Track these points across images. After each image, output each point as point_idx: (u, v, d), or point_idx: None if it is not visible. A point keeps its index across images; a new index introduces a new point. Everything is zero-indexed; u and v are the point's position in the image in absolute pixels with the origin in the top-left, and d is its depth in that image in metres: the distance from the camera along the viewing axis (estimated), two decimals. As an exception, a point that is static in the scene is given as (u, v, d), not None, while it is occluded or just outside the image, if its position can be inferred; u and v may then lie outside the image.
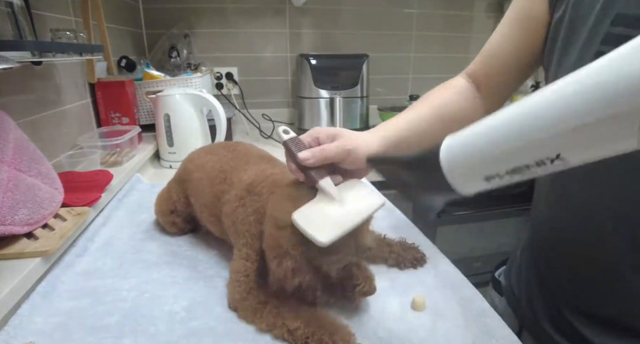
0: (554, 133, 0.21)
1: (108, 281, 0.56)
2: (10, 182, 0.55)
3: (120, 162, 0.94)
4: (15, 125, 0.63)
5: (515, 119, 0.24)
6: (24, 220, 0.56)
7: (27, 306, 0.49)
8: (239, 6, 1.60)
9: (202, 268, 0.60)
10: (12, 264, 0.52)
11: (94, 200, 0.71)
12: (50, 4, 0.84)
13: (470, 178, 0.27)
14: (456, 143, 0.28)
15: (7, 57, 0.56)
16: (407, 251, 0.60)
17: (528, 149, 0.23)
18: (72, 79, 0.95)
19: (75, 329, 0.46)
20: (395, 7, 1.73)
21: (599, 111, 0.19)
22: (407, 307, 0.50)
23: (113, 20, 1.21)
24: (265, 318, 0.46)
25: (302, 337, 0.43)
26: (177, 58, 1.48)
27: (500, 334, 0.46)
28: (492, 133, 0.25)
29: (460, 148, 0.27)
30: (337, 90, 1.53)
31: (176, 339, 0.45)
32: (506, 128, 0.24)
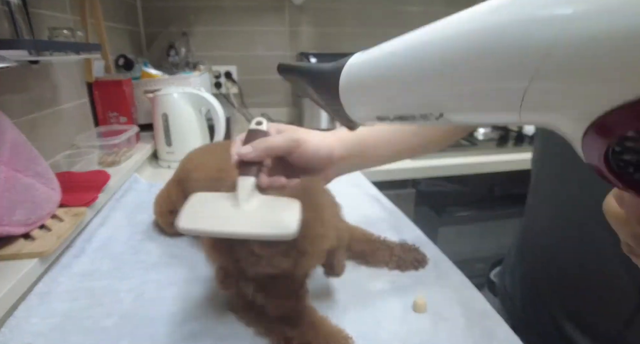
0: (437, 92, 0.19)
1: (106, 282, 0.55)
2: (7, 182, 0.55)
3: (118, 161, 0.93)
4: (12, 125, 0.62)
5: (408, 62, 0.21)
6: (21, 221, 0.56)
7: (24, 307, 0.49)
8: (238, 4, 1.59)
9: (201, 269, 0.59)
10: (8, 265, 0.52)
11: (91, 200, 0.71)
12: (47, 3, 0.83)
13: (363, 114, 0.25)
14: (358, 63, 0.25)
15: (4, 55, 0.56)
16: (408, 253, 0.59)
17: (413, 100, 0.21)
18: (69, 78, 0.95)
19: (73, 331, 0.46)
20: (396, 5, 1.72)
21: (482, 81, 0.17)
22: (408, 309, 0.50)
23: (111, 18, 1.20)
24: (263, 322, 0.46)
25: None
26: (175, 57, 1.48)
27: (502, 336, 0.45)
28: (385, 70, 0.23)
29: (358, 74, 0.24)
30: (337, 89, 1.52)
31: (175, 341, 0.45)
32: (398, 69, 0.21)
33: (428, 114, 0.20)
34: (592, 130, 0.14)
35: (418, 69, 0.20)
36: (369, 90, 0.24)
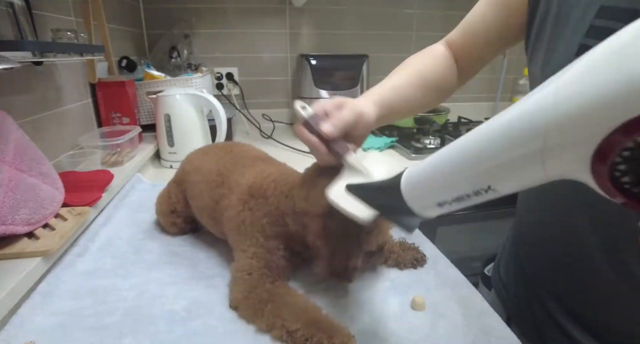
0: (480, 170, 0.25)
1: (108, 281, 0.56)
2: (11, 182, 0.55)
3: (120, 161, 0.94)
4: (16, 125, 0.63)
5: (453, 155, 0.28)
6: (25, 220, 0.56)
7: (27, 305, 0.50)
8: (240, 6, 1.60)
9: (203, 268, 0.60)
10: (12, 264, 0.52)
11: (94, 199, 0.71)
12: (51, 5, 0.84)
13: (425, 204, 0.31)
14: (413, 173, 0.32)
15: (8, 57, 0.56)
16: (406, 252, 0.60)
17: (464, 182, 0.27)
18: (73, 79, 0.96)
19: (76, 329, 0.46)
20: (395, 7, 1.73)
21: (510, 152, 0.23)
22: (407, 307, 0.50)
23: (114, 20, 1.21)
24: (265, 318, 0.46)
25: (301, 339, 0.43)
26: (177, 59, 1.48)
27: (500, 334, 0.46)
28: (438, 165, 0.29)
29: (416, 178, 0.31)
30: (337, 90, 1.53)
31: (176, 338, 0.45)
32: (447, 162, 0.28)
33: (479, 190, 0.26)
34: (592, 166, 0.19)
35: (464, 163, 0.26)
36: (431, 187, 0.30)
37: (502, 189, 0.25)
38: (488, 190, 0.25)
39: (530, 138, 0.21)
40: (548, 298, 0.53)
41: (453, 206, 0.29)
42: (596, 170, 0.19)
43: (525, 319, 0.56)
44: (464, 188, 0.27)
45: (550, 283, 0.53)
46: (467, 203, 0.28)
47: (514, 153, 0.22)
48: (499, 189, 0.25)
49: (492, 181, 0.25)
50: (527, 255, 0.58)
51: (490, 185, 0.25)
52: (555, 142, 0.20)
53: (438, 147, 1.34)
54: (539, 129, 0.20)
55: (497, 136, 0.23)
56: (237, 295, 0.50)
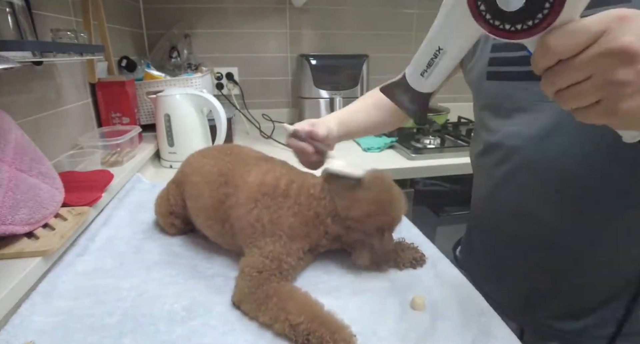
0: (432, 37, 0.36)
1: (108, 281, 0.56)
2: (10, 182, 0.55)
3: (120, 161, 0.94)
4: (16, 125, 0.63)
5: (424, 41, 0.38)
6: (25, 220, 0.56)
7: (27, 305, 0.50)
8: (239, 6, 1.60)
9: (203, 268, 0.60)
10: (12, 263, 0.52)
11: (94, 199, 0.71)
12: (50, 4, 0.84)
13: (416, 78, 0.41)
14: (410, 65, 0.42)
15: (7, 57, 0.56)
16: (406, 252, 0.60)
17: (427, 50, 0.37)
18: (72, 79, 0.96)
19: (76, 329, 0.46)
20: (396, 7, 1.73)
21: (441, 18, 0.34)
22: (406, 307, 0.50)
23: (114, 20, 1.21)
24: (269, 311, 0.46)
25: (304, 333, 0.43)
26: (177, 59, 1.49)
27: (499, 334, 0.46)
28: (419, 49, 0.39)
29: (409, 66, 0.42)
30: (337, 90, 1.53)
31: (176, 338, 0.45)
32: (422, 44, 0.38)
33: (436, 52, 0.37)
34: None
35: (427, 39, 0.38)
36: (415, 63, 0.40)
37: (445, 45, 0.35)
38: (439, 50, 0.36)
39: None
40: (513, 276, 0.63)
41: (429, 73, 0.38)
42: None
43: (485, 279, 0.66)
44: (428, 54, 0.37)
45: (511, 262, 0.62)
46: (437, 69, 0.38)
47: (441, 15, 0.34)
48: (446, 48, 0.35)
49: (439, 42, 0.36)
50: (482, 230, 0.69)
51: (439, 45, 0.36)
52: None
53: (438, 147, 1.34)
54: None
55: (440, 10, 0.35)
56: (244, 290, 0.50)
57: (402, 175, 1.21)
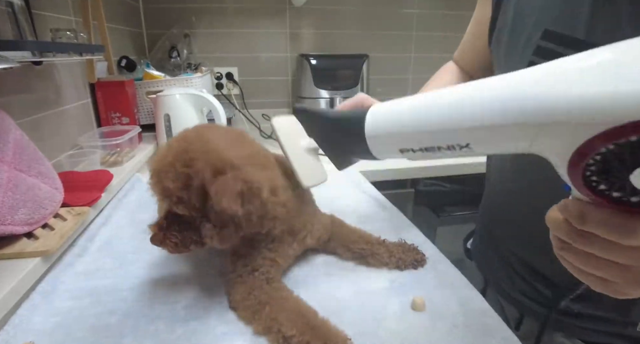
0: (469, 127, 0.25)
1: (108, 281, 0.56)
2: (10, 182, 0.55)
3: (120, 161, 0.94)
4: (16, 125, 0.63)
5: (438, 106, 0.27)
6: (24, 220, 0.56)
7: (27, 305, 0.49)
8: (239, 6, 1.60)
9: (203, 268, 0.60)
10: (12, 264, 0.52)
11: (94, 199, 0.71)
12: (50, 4, 0.84)
13: (387, 147, 0.30)
14: (382, 112, 0.30)
15: (7, 56, 0.56)
16: (407, 253, 0.60)
17: (444, 134, 0.26)
18: (72, 79, 0.95)
19: (76, 329, 0.46)
20: (396, 7, 1.73)
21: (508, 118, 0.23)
22: (406, 307, 0.50)
23: (113, 20, 1.21)
24: (263, 321, 0.46)
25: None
26: (177, 58, 1.48)
27: (500, 335, 0.46)
28: (416, 112, 0.28)
29: (384, 119, 0.30)
30: (337, 90, 1.53)
31: (176, 338, 0.45)
32: (429, 111, 0.27)
33: (455, 145, 0.26)
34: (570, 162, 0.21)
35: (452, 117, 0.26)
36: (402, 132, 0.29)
37: (478, 150, 0.26)
38: (464, 147, 0.26)
39: (533, 118, 0.22)
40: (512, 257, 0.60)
41: (416, 155, 0.29)
42: (578, 155, 0.21)
43: (500, 285, 0.64)
44: (438, 140, 0.27)
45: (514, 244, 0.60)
46: (433, 156, 0.28)
47: (509, 123, 0.23)
48: (476, 149, 0.26)
49: (473, 141, 0.25)
50: (495, 220, 0.65)
51: (469, 143, 0.25)
52: (552, 129, 0.21)
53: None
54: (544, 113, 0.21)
55: (498, 101, 0.23)
56: (236, 297, 0.50)
57: (402, 175, 1.21)
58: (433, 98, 0.27)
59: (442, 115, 0.26)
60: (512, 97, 0.23)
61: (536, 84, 0.22)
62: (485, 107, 0.24)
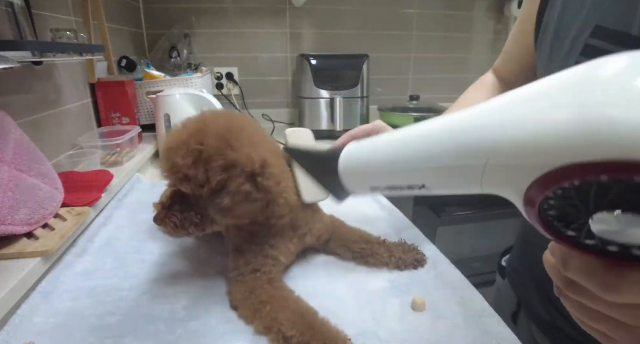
0: (419, 168, 0.25)
1: (108, 281, 0.56)
2: (10, 182, 0.55)
3: (120, 161, 0.94)
4: (16, 125, 0.63)
5: (397, 145, 0.27)
6: (24, 220, 0.56)
7: (27, 306, 0.49)
8: (239, 6, 1.60)
9: (203, 268, 0.60)
10: (12, 264, 0.52)
11: (94, 199, 0.71)
12: (50, 4, 0.84)
13: (359, 184, 0.31)
14: (354, 151, 0.31)
15: (7, 56, 0.56)
16: (407, 253, 0.60)
17: (400, 174, 0.27)
18: (72, 79, 0.95)
19: (76, 329, 0.46)
20: (396, 7, 1.73)
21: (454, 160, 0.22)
22: (407, 308, 0.50)
23: (113, 20, 1.21)
24: (263, 320, 0.46)
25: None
26: (177, 58, 1.48)
27: (500, 335, 0.46)
28: (380, 151, 0.29)
29: (354, 158, 0.31)
30: (337, 90, 1.53)
31: (176, 338, 0.45)
32: (389, 151, 0.28)
33: (413, 185, 0.26)
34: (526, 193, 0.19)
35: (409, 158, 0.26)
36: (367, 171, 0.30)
37: (434, 190, 0.26)
38: (421, 188, 0.26)
39: (477, 152, 0.21)
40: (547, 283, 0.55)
41: (385, 192, 0.30)
42: (528, 197, 0.19)
43: (533, 308, 0.59)
44: (399, 179, 0.27)
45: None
46: (400, 193, 0.28)
47: (457, 161, 0.22)
48: (432, 189, 0.26)
49: (427, 181, 0.25)
50: (532, 242, 0.60)
51: (424, 184, 0.26)
52: (500, 162, 0.20)
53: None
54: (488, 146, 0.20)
55: (445, 140, 0.23)
56: (237, 296, 0.50)
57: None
58: (395, 138, 0.28)
59: (396, 155, 0.27)
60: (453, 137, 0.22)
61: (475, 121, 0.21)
62: (430, 147, 0.24)
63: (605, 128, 0.15)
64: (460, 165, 0.22)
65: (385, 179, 0.28)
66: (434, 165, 0.24)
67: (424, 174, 0.25)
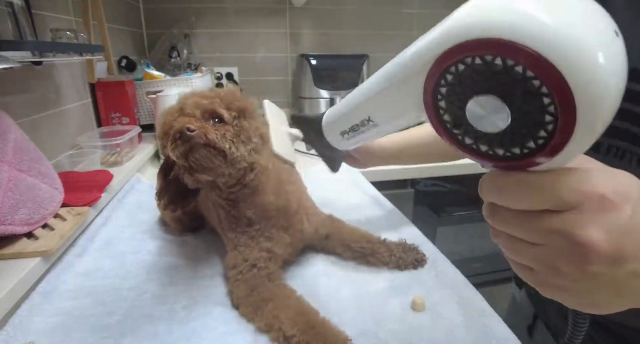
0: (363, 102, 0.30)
1: (108, 281, 0.56)
2: (10, 182, 0.55)
3: (120, 161, 0.94)
4: (16, 125, 0.63)
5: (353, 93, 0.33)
6: (24, 220, 0.56)
7: (27, 306, 0.49)
8: (239, 6, 1.60)
9: (202, 268, 0.60)
10: (12, 264, 0.52)
11: (94, 199, 0.71)
12: (50, 4, 0.84)
13: (334, 134, 0.37)
14: (330, 109, 0.38)
15: (7, 57, 0.56)
16: (407, 253, 0.60)
17: (354, 113, 0.33)
18: (72, 79, 0.95)
19: (76, 329, 0.46)
20: (396, 7, 1.73)
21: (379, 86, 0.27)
22: (406, 308, 0.50)
23: (113, 20, 1.21)
24: (264, 318, 0.46)
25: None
26: (177, 58, 1.48)
27: (500, 335, 0.46)
28: (343, 102, 0.35)
29: (329, 113, 0.38)
30: (337, 90, 1.53)
31: (176, 339, 0.45)
32: (348, 99, 0.34)
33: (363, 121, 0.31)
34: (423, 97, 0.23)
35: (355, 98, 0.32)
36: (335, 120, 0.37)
37: (378, 120, 0.30)
38: (369, 121, 0.31)
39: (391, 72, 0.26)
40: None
41: (350, 136, 0.35)
42: (425, 101, 0.22)
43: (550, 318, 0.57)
44: (354, 118, 0.33)
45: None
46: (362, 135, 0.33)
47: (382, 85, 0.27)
48: (376, 120, 0.30)
49: (370, 113, 0.30)
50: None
51: (369, 115, 0.31)
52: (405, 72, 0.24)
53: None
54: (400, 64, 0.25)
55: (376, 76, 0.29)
56: (239, 294, 0.50)
57: (403, 175, 1.21)
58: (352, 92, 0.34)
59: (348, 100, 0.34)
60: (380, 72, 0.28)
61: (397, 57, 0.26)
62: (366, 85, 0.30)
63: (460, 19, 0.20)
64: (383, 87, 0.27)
65: (346, 121, 0.34)
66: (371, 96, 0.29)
67: (367, 108, 0.30)
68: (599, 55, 0.17)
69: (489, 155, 0.22)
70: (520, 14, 0.17)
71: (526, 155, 0.20)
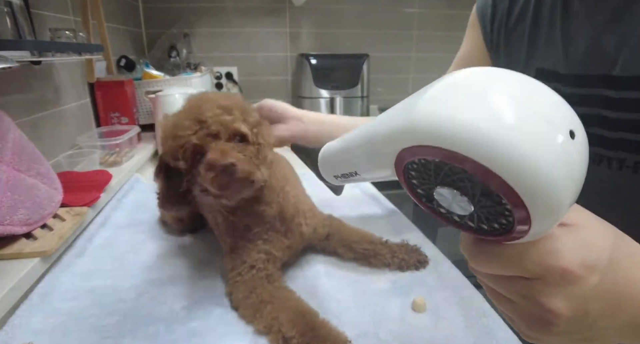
0: (350, 158, 0.32)
1: (107, 282, 0.55)
2: (9, 182, 0.55)
3: (119, 161, 0.93)
4: (14, 125, 0.63)
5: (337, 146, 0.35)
6: (23, 220, 0.56)
7: (26, 306, 0.49)
8: (239, 6, 1.60)
9: (202, 268, 0.59)
10: (10, 264, 0.52)
11: (93, 200, 0.71)
12: (49, 4, 0.84)
13: (328, 174, 0.38)
14: (325, 148, 0.39)
15: (6, 56, 0.56)
16: (410, 254, 0.59)
17: (341, 164, 0.34)
18: (71, 79, 0.95)
19: (75, 330, 0.46)
20: (396, 6, 1.73)
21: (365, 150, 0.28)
22: (407, 308, 0.50)
23: (112, 19, 1.21)
24: (264, 319, 0.46)
25: None
26: (176, 58, 1.48)
27: (500, 336, 0.45)
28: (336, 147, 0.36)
29: (323, 153, 0.39)
30: (338, 89, 1.53)
31: (176, 339, 0.45)
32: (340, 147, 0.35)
33: (352, 172, 0.33)
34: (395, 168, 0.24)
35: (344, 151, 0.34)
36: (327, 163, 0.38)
37: (364, 175, 0.32)
38: (356, 174, 0.32)
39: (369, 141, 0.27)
40: None
41: (343, 180, 0.36)
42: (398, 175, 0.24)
43: None
44: (343, 169, 0.34)
45: None
46: (352, 181, 0.35)
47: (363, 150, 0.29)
48: (362, 175, 0.32)
49: (357, 169, 0.32)
50: None
51: (356, 171, 0.32)
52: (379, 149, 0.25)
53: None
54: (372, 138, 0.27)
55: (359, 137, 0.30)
56: (239, 295, 0.50)
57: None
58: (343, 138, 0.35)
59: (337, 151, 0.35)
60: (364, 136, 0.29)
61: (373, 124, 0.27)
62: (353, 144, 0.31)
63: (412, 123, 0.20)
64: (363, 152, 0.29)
65: (337, 169, 0.36)
66: (355, 155, 0.31)
67: (353, 163, 0.32)
68: (539, 162, 0.17)
69: (462, 226, 0.23)
70: (462, 126, 0.18)
71: (495, 233, 0.21)
